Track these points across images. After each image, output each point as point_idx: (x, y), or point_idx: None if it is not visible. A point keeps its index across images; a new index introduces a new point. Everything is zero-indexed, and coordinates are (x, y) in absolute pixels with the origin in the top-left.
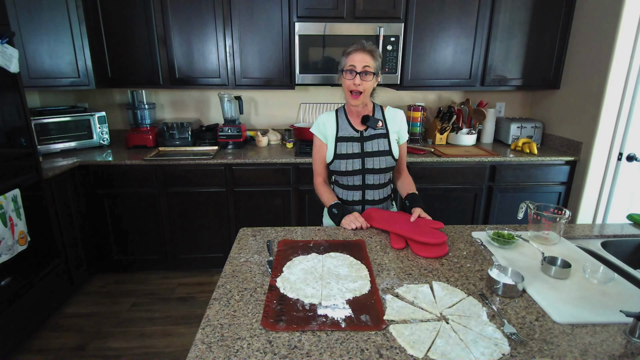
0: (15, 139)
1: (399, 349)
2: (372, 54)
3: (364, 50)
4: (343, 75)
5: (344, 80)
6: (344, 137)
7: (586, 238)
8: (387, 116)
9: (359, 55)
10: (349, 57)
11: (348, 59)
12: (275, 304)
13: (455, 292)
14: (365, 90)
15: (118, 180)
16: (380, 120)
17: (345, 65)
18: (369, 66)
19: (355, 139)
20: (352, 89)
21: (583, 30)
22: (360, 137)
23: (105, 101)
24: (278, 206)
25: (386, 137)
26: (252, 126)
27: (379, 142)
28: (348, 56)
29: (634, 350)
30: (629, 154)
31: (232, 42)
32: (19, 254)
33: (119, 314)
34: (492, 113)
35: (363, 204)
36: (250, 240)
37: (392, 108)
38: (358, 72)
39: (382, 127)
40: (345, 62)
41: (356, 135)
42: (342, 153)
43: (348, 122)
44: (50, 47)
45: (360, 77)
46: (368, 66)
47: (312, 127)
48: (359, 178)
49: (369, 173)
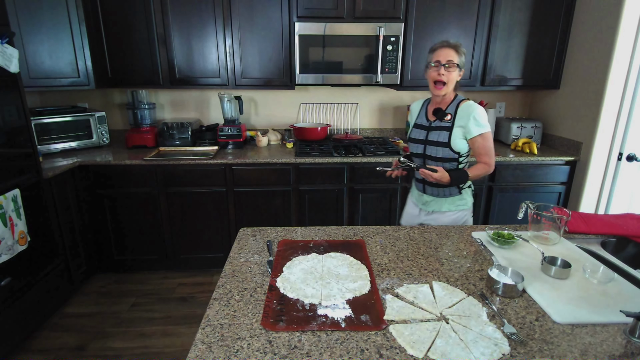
0: (15, 139)
1: (399, 349)
2: (456, 49)
3: (449, 46)
4: (429, 68)
5: (430, 72)
6: (417, 124)
7: (586, 238)
8: (460, 110)
9: (444, 50)
10: (435, 52)
11: (434, 55)
12: (275, 304)
13: (455, 292)
14: (449, 82)
15: (118, 180)
16: (449, 114)
17: (430, 59)
18: (452, 60)
19: (424, 127)
20: (436, 79)
21: (583, 30)
22: (428, 126)
23: (105, 101)
24: (278, 206)
25: (449, 130)
26: (252, 126)
27: (440, 134)
28: (434, 52)
29: (634, 350)
30: (629, 154)
31: (232, 42)
32: (19, 254)
33: (119, 314)
34: (492, 113)
35: (424, 183)
36: (250, 240)
37: (469, 103)
38: (442, 64)
39: (449, 120)
40: (431, 57)
41: (425, 124)
42: (412, 137)
43: (425, 112)
44: (50, 47)
45: (444, 68)
46: (452, 60)
47: None
48: (420, 161)
49: (429, 159)
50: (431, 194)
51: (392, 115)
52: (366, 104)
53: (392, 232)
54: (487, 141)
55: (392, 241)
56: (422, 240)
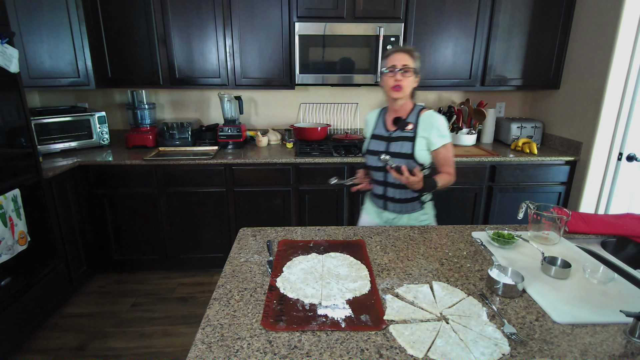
0: (15, 139)
1: (399, 349)
2: (410, 54)
3: (403, 51)
4: (384, 75)
5: (385, 79)
6: (376, 134)
7: (586, 238)
8: (421, 120)
9: (398, 55)
10: (389, 58)
11: (388, 60)
12: (275, 304)
13: (455, 292)
14: (405, 87)
15: (118, 180)
16: (411, 123)
17: (385, 65)
18: (408, 65)
19: (384, 138)
20: (392, 85)
21: (583, 30)
22: (388, 137)
23: (105, 101)
24: (278, 206)
25: (412, 140)
26: (252, 126)
27: (403, 145)
28: (387, 58)
29: (634, 350)
30: (629, 154)
31: (232, 42)
32: (19, 254)
33: (119, 314)
34: (492, 113)
35: (385, 199)
36: (250, 240)
37: (429, 112)
38: (398, 69)
39: (411, 130)
40: (385, 62)
41: (385, 135)
42: (370, 149)
43: (383, 122)
44: (50, 47)
45: (400, 73)
46: (407, 65)
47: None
48: (381, 175)
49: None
50: (393, 210)
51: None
52: (366, 104)
53: (392, 232)
54: (450, 152)
55: (392, 241)
56: (422, 240)
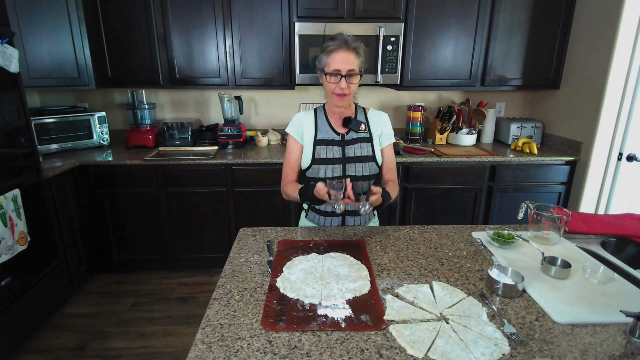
0: (15, 139)
1: (399, 349)
2: (356, 52)
3: (348, 49)
4: (325, 78)
5: (327, 83)
6: (324, 140)
7: (586, 238)
8: (371, 119)
9: (341, 54)
10: (331, 56)
11: (330, 59)
12: (275, 304)
13: (455, 292)
14: (352, 93)
15: (118, 180)
16: (363, 122)
17: (326, 65)
18: (353, 69)
19: (336, 143)
20: (338, 92)
21: (583, 30)
22: (342, 140)
23: (105, 101)
24: (278, 206)
25: (369, 141)
26: (252, 126)
27: (362, 147)
28: (329, 55)
29: (634, 350)
30: (629, 154)
31: (232, 42)
32: (19, 254)
33: (119, 314)
34: (492, 113)
35: (344, 212)
36: (250, 240)
37: (375, 110)
38: (343, 75)
39: (365, 130)
40: (327, 62)
41: (337, 139)
42: (321, 158)
43: (328, 124)
44: (50, 47)
45: (346, 80)
46: (353, 69)
47: (287, 127)
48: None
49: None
50: (353, 224)
51: (392, 115)
52: (366, 104)
53: (392, 232)
54: (393, 152)
55: (392, 241)
56: (422, 240)
